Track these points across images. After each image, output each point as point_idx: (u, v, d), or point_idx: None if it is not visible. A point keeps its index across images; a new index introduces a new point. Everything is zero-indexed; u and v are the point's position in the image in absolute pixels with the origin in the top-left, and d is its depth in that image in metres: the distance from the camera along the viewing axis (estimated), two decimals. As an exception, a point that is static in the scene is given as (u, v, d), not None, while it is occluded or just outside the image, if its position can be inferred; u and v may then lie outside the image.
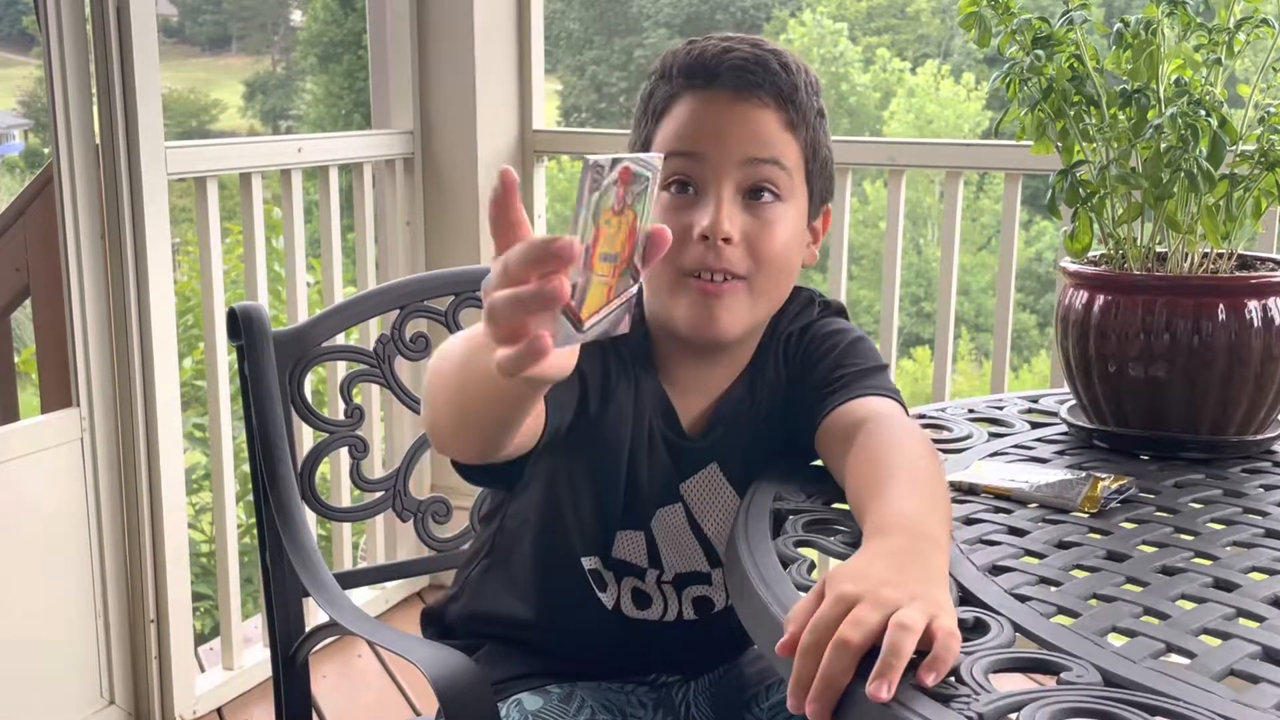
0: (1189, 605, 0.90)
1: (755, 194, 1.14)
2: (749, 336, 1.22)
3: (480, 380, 0.83)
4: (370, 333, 2.45)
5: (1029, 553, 1.00)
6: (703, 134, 1.14)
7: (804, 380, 1.22)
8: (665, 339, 1.21)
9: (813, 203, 1.21)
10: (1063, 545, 1.02)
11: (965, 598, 0.91)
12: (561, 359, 0.74)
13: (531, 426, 1.02)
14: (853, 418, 1.14)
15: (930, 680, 0.76)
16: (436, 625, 1.36)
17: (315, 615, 2.17)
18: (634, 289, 0.78)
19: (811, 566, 0.97)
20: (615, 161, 0.73)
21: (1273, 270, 1.27)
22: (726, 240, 1.12)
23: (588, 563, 1.24)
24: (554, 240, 0.68)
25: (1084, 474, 1.16)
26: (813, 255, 1.23)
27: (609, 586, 1.25)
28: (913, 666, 0.77)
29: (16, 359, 2.76)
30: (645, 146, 1.19)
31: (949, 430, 1.36)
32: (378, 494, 1.48)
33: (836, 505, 1.11)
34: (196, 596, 2.76)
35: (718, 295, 1.13)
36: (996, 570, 0.96)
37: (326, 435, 1.46)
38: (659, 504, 1.23)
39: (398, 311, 1.47)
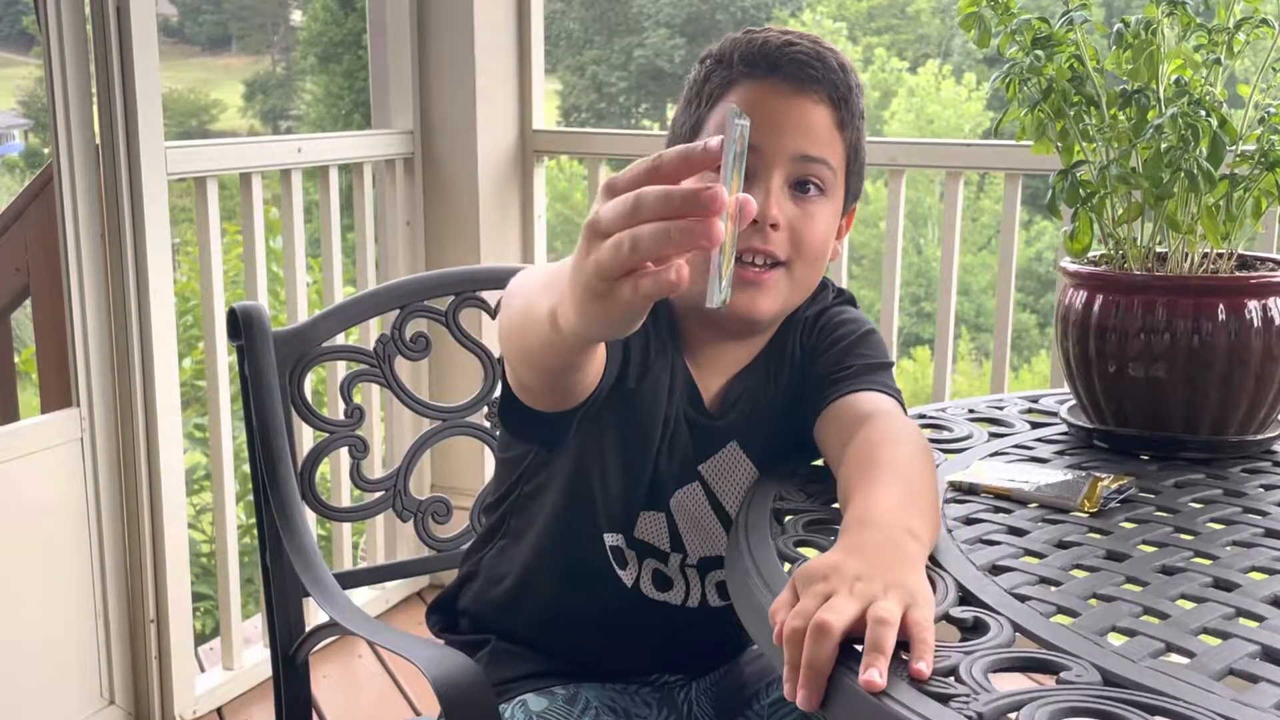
0: (1189, 605, 0.90)
1: (802, 187, 1.17)
2: (777, 320, 1.24)
3: (538, 328, 0.87)
4: (370, 333, 2.45)
5: (1029, 553, 1.00)
6: (759, 125, 1.14)
7: (813, 365, 1.24)
8: (692, 317, 1.23)
9: (846, 200, 1.23)
10: (1063, 545, 1.02)
11: (965, 598, 0.91)
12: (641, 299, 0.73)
13: (596, 370, 1.05)
14: (855, 411, 1.15)
15: (925, 670, 0.77)
16: (444, 613, 1.36)
17: (315, 615, 2.17)
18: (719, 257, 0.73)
19: (811, 566, 0.97)
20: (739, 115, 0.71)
21: (1273, 270, 1.27)
22: (774, 226, 1.15)
23: (610, 539, 1.24)
24: (705, 189, 0.68)
25: (1084, 474, 1.16)
26: (836, 251, 1.25)
27: (629, 565, 1.25)
28: (896, 658, 0.78)
29: (16, 359, 2.76)
30: (696, 129, 1.21)
31: (949, 430, 1.36)
32: (378, 494, 1.48)
33: (836, 505, 1.11)
34: (196, 596, 2.76)
35: (758, 282, 1.16)
36: (996, 570, 0.96)
37: (326, 435, 1.46)
38: (677, 484, 1.24)
39: (398, 311, 1.47)
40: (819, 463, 1.21)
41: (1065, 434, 1.34)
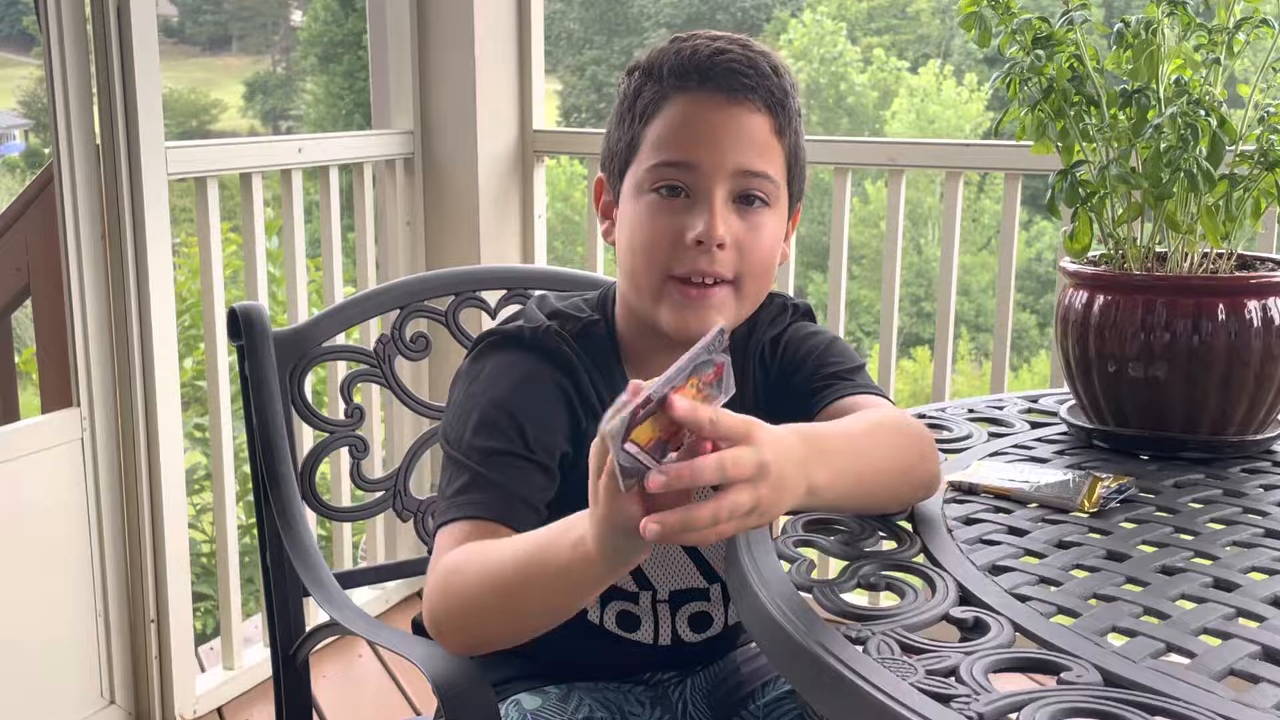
0: (1189, 605, 0.90)
1: (746, 199, 1.15)
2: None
3: (556, 572, 0.93)
4: (370, 333, 2.45)
5: (1029, 553, 1.00)
6: (696, 141, 1.13)
7: (789, 383, 1.23)
8: (644, 338, 1.20)
9: (791, 204, 1.21)
10: (1063, 545, 1.02)
11: (965, 598, 0.91)
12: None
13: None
14: (850, 410, 1.15)
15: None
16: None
17: (315, 615, 2.17)
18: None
19: (811, 566, 0.97)
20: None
21: (1273, 270, 1.27)
22: (721, 246, 1.12)
23: None
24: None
25: (1084, 474, 1.16)
26: (785, 255, 1.22)
27: (592, 608, 1.25)
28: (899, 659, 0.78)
29: (16, 359, 2.76)
30: (632, 147, 1.17)
31: (949, 430, 1.36)
32: (378, 494, 1.48)
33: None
34: (197, 596, 2.76)
35: (704, 299, 1.14)
36: (996, 570, 0.96)
37: (327, 435, 1.46)
38: None
39: (398, 311, 1.48)
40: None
41: (1065, 434, 1.34)
